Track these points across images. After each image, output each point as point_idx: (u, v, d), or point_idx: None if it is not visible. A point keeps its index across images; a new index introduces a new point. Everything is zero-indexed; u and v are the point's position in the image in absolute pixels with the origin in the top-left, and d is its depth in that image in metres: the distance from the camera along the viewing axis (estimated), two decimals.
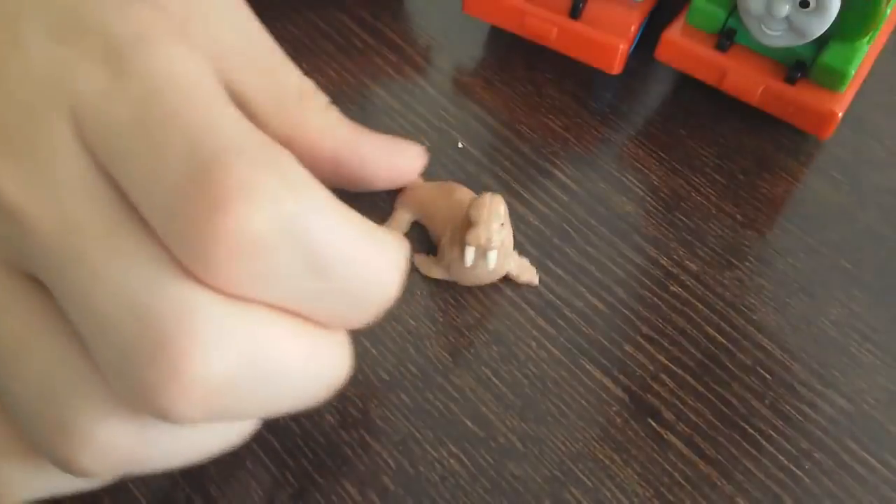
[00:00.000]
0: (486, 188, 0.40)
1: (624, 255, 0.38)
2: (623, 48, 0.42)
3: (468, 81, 0.45)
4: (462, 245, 0.34)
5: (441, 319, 0.35)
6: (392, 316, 0.35)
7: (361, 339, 0.34)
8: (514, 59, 0.46)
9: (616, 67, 0.43)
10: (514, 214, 0.39)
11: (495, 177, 0.40)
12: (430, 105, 0.43)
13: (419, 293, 0.36)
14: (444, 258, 0.36)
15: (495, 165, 0.41)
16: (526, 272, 0.37)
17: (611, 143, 0.43)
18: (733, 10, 0.41)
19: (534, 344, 0.35)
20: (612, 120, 0.44)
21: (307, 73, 0.44)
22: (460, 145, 0.42)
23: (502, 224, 0.33)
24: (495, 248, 0.33)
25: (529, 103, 0.44)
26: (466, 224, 0.33)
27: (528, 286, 0.36)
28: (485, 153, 0.41)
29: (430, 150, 0.41)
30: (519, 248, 0.38)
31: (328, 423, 0.32)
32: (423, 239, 0.38)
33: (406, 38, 0.47)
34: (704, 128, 0.44)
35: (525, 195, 0.40)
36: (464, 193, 0.37)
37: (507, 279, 0.36)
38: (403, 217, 0.39)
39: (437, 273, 0.37)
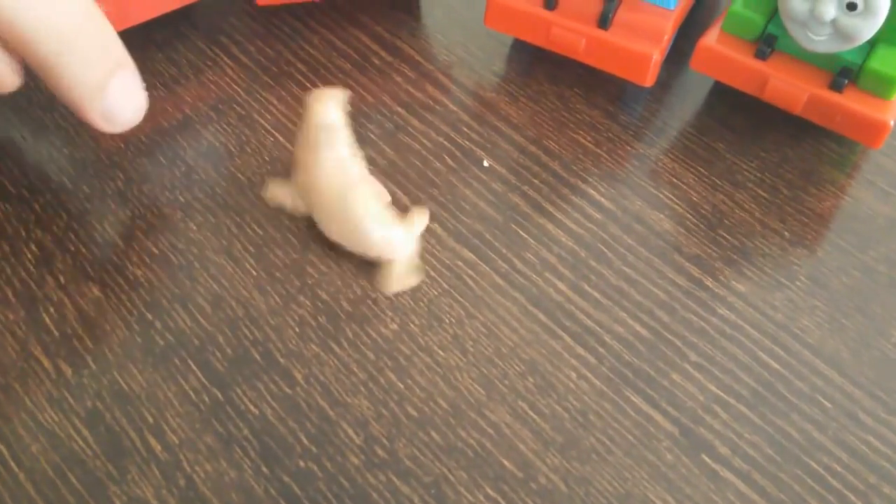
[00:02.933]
0: (515, 208, 0.37)
1: (665, 276, 0.35)
2: (657, 58, 0.40)
3: (491, 97, 0.43)
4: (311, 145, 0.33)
5: (472, 349, 0.32)
6: (419, 346, 0.32)
7: (387, 371, 0.31)
8: (537, 73, 0.44)
9: (649, 79, 0.41)
10: (546, 235, 0.36)
11: (524, 196, 0.38)
12: (453, 123, 0.41)
13: (447, 320, 0.33)
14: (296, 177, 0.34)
15: (524, 184, 0.39)
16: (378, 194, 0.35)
17: (645, 158, 0.40)
18: (772, 16, 0.39)
19: (573, 374, 0.32)
20: (645, 134, 0.42)
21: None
22: (486, 164, 0.39)
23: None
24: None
25: (557, 119, 0.42)
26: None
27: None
28: (512, 171, 0.39)
29: (454, 169, 0.39)
30: (551, 270, 0.35)
31: (353, 465, 0.29)
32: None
33: (425, 55, 0.45)
34: (743, 140, 0.41)
35: (557, 215, 0.37)
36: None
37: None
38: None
39: (284, 196, 0.35)
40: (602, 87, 0.43)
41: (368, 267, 0.35)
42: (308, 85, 0.42)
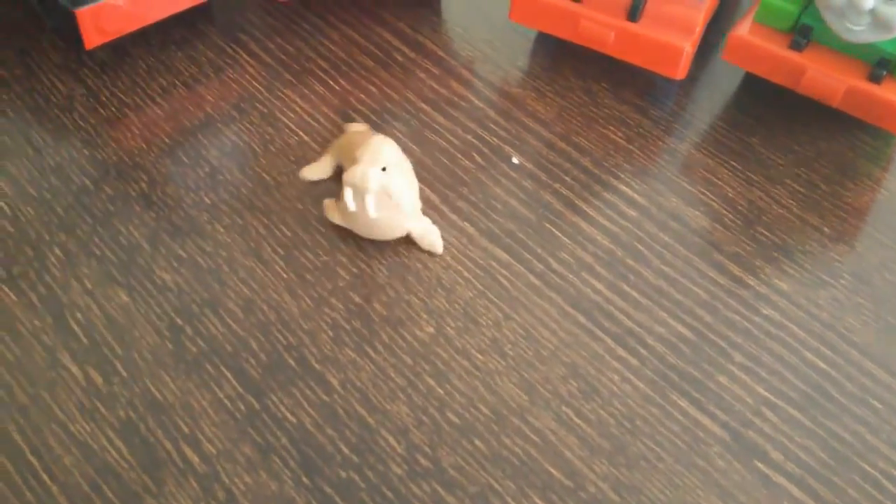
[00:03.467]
0: (548, 206, 0.37)
1: (705, 274, 0.35)
2: (689, 51, 0.39)
3: (517, 93, 0.42)
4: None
5: (511, 352, 0.32)
6: (456, 349, 0.31)
7: (425, 376, 0.31)
8: (563, 68, 0.43)
9: (681, 72, 0.40)
10: (580, 234, 0.36)
11: (555, 193, 0.37)
12: (479, 119, 0.40)
13: (484, 322, 0.32)
14: (341, 203, 0.34)
15: (555, 181, 0.38)
16: (428, 235, 0.34)
17: (676, 153, 0.39)
18: (807, 6, 0.38)
19: (616, 377, 0.31)
20: (675, 129, 0.41)
21: (346, 91, 0.42)
22: (515, 160, 0.38)
23: (384, 169, 0.32)
24: (372, 191, 0.32)
25: (585, 114, 0.41)
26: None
27: (431, 253, 0.34)
28: (542, 168, 0.38)
29: (483, 166, 0.38)
30: (588, 269, 0.34)
31: (395, 475, 0.28)
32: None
33: (448, 51, 0.44)
34: (776, 134, 0.40)
35: (590, 213, 0.37)
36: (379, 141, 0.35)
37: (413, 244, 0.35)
38: (326, 160, 0.37)
39: (336, 218, 0.35)
40: (630, 82, 0.43)
41: (401, 269, 0.34)
42: (330, 82, 0.41)
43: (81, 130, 0.38)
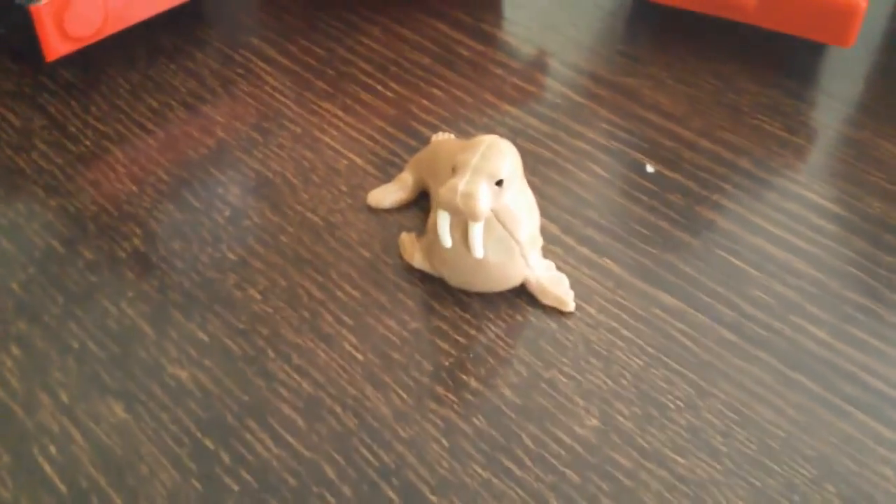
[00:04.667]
0: (712, 227, 0.26)
1: None
2: (862, 7, 0.29)
3: (628, 83, 0.31)
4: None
5: (724, 448, 0.21)
6: (642, 452, 0.20)
7: (603, 499, 0.19)
8: (675, 47, 0.33)
9: (851, 38, 0.30)
10: (770, 260, 0.25)
11: (717, 207, 0.27)
12: (586, 118, 0.30)
13: (672, 405, 0.21)
14: (427, 239, 0.24)
15: (712, 191, 0.27)
16: (555, 285, 0.23)
17: (859, 143, 0.29)
18: None
19: (890, 472, 0.20)
20: (845, 112, 0.30)
21: (402, 97, 0.31)
22: (650, 168, 0.28)
23: (500, 183, 0.21)
24: (481, 216, 0.21)
25: (724, 103, 0.31)
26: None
27: (561, 311, 0.23)
28: (689, 176, 0.28)
29: (607, 179, 0.27)
30: (797, 310, 0.24)
31: None
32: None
33: (523, 38, 0.33)
34: None
35: (774, 230, 0.26)
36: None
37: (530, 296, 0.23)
38: (405, 179, 0.26)
39: (420, 261, 0.24)
40: (766, 59, 0.32)
41: (528, 333, 0.23)
42: (379, 87, 0.31)
43: (44, 174, 0.27)
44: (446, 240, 0.22)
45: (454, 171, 0.21)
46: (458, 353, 0.22)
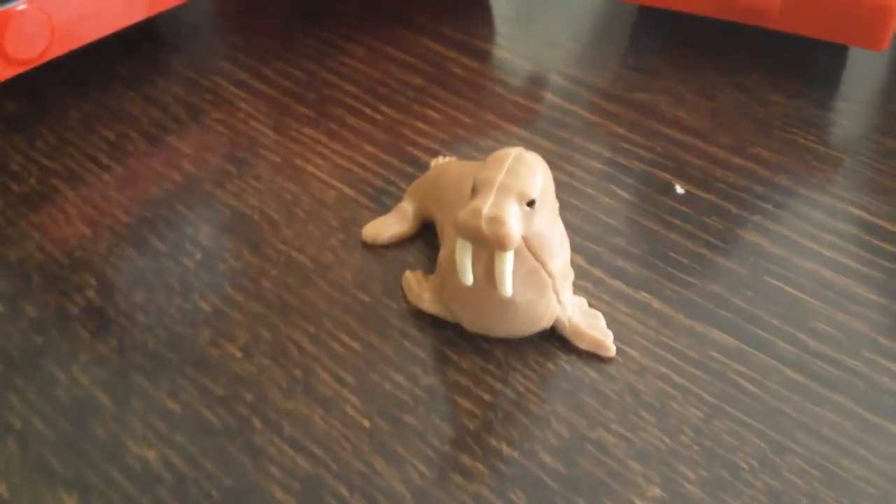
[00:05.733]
0: (759, 252, 0.23)
1: None
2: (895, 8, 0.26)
3: (644, 98, 0.28)
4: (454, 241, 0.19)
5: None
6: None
7: None
8: (689, 59, 0.30)
9: (884, 41, 0.27)
10: (829, 287, 0.22)
11: (760, 229, 0.23)
12: (602, 138, 0.27)
13: (743, 463, 0.18)
14: (438, 277, 0.20)
15: (749, 211, 0.24)
16: (591, 326, 0.20)
17: None
18: None
19: None
20: (882, 123, 0.28)
21: (393, 120, 0.27)
22: (680, 189, 0.25)
23: (532, 204, 0.17)
24: (512, 244, 0.17)
25: (752, 117, 0.28)
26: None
27: (600, 357, 0.20)
28: (724, 196, 0.25)
29: (634, 204, 0.24)
30: (869, 345, 0.20)
31: None
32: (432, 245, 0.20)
33: (522, 54, 0.30)
34: None
35: (828, 254, 0.23)
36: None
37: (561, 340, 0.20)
38: (404, 209, 0.23)
39: (427, 303, 0.20)
40: (788, 68, 0.30)
41: (564, 384, 0.19)
42: (367, 110, 0.27)
43: None
44: (467, 276, 0.18)
45: (474, 191, 0.18)
46: (484, 413, 0.19)
